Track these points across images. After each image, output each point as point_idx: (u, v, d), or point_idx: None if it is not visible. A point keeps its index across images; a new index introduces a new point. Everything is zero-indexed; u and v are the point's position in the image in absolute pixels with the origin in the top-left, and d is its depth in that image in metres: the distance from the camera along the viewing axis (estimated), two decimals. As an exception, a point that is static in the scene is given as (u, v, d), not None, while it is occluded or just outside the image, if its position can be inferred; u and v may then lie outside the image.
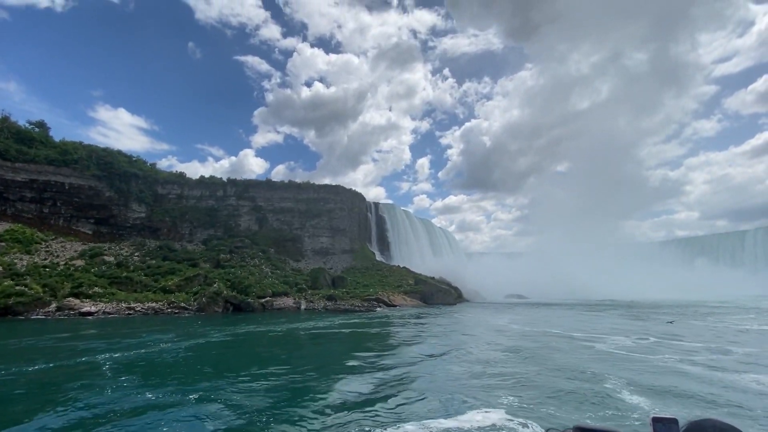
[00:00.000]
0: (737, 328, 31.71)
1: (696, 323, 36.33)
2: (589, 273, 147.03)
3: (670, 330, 30.59)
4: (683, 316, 44.82)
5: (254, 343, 25.75)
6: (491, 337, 27.91)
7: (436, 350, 21.84)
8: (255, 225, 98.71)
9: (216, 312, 55.68)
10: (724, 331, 29.78)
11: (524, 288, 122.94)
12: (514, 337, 27.09)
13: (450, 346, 23.65)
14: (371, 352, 21.31)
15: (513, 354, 20.38)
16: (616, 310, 57.87)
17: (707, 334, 28.43)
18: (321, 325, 36.37)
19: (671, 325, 33.96)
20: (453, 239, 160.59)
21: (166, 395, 12.61)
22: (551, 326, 33.91)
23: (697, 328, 31.79)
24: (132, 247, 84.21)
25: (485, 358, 19.13)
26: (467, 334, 29.22)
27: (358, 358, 19.80)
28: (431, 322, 40.37)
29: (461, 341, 25.55)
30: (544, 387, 13.38)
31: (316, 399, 12.48)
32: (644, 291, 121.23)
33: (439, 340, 26.14)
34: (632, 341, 24.82)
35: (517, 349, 22.15)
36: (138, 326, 35.72)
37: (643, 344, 23.80)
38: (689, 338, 26.15)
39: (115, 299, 55.40)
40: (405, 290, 78.81)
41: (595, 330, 31.30)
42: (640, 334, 28.31)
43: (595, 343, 24.27)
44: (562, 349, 21.92)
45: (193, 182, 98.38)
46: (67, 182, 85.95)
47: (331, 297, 67.17)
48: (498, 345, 23.71)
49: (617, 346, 22.47)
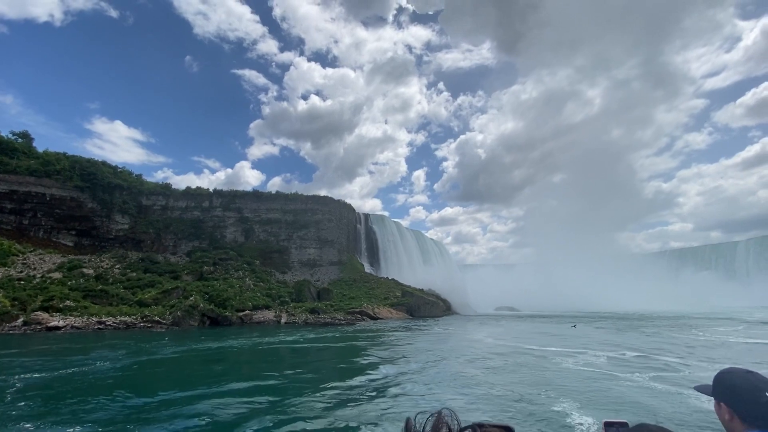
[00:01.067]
0: (720, 341, 30.53)
1: (681, 336, 35.10)
2: (582, 285, 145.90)
3: (649, 344, 29.37)
4: (672, 328, 43.61)
5: (199, 361, 24.24)
6: (460, 352, 26.59)
7: (391, 370, 20.49)
8: (241, 236, 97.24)
9: (191, 326, 53.92)
10: (705, 345, 28.59)
11: (517, 300, 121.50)
12: (482, 353, 25.78)
13: (410, 363, 22.33)
14: (314, 372, 19.97)
15: (471, 373, 19.09)
16: (604, 323, 56.56)
17: (687, 348, 27.23)
18: (290, 339, 34.89)
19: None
20: (445, 251, 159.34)
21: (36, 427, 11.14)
22: (528, 341, 32.60)
23: (679, 342, 30.56)
24: (113, 260, 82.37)
25: (438, 379, 17.84)
26: (436, 350, 27.86)
27: (295, 378, 18.47)
28: (407, 336, 38.93)
29: (425, 358, 24.21)
30: (483, 410, 12.14)
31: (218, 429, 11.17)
32: (637, 302, 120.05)
33: (402, 358, 24.77)
34: (606, 357, 23.58)
35: (479, 366, 20.86)
36: (98, 342, 34.15)
37: (617, 360, 22.56)
38: (667, 352, 24.94)
39: (87, 313, 53.54)
40: (391, 303, 77.25)
41: (573, 344, 30.02)
42: (618, 348, 27.07)
43: (567, 358, 23.01)
44: (526, 365, 20.65)
45: (178, 193, 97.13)
46: (49, 193, 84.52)
47: (314, 310, 65.51)
48: (461, 362, 22.40)
49: (587, 363, 21.21)
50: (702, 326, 45.10)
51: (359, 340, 34.90)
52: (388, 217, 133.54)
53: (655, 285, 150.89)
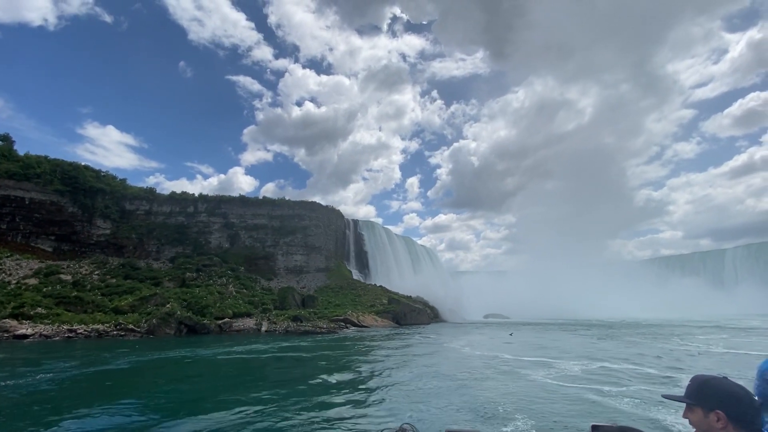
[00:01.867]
0: (699, 351, 29.84)
1: (661, 345, 34.38)
2: (573, 292, 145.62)
3: (626, 354, 28.59)
4: (654, 336, 42.94)
5: (150, 372, 22.99)
6: (433, 361, 25.59)
7: (354, 382, 19.47)
8: (226, 242, 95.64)
9: (167, 334, 52.21)
10: (681, 355, 27.88)
11: (507, 307, 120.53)
12: (455, 363, 24.82)
13: (378, 374, 21.30)
14: (270, 388, 18.88)
15: (436, 385, 18.12)
16: (591, 330, 55.81)
17: (666, 358, 26.48)
18: (260, 349, 33.62)
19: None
20: (436, 257, 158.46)
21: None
22: (507, 350, 31.68)
23: (657, 352, 29.81)
24: (92, 266, 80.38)
25: (400, 394, 16.85)
26: (411, 360, 26.83)
27: (247, 393, 17.37)
28: (384, 345, 37.82)
29: (393, 368, 23.19)
30: (429, 429, 11.19)
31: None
32: (626, 310, 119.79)
33: (372, 366, 23.72)
34: (581, 367, 22.72)
35: (448, 377, 19.89)
36: (60, 351, 32.64)
37: (591, 370, 21.71)
38: (644, 363, 24.15)
39: (59, 321, 51.70)
40: (377, 310, 76.01)
41: (551, 354, 29.17)
42: (596, 358, 26.25)
43: (541, 369, 22.12)
44: (495, 378, 19.72)
45: (162, 198, 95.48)
46: (28, 197, 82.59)
47: (297, 318, 64.06)
48: (429, 373, 21.40)
49: (558, 375, 20.33)
50: (685, 334, 44.52)
51: (332, 350, 33.76)
52: (379, 223, 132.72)
53: (644, 292, 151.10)
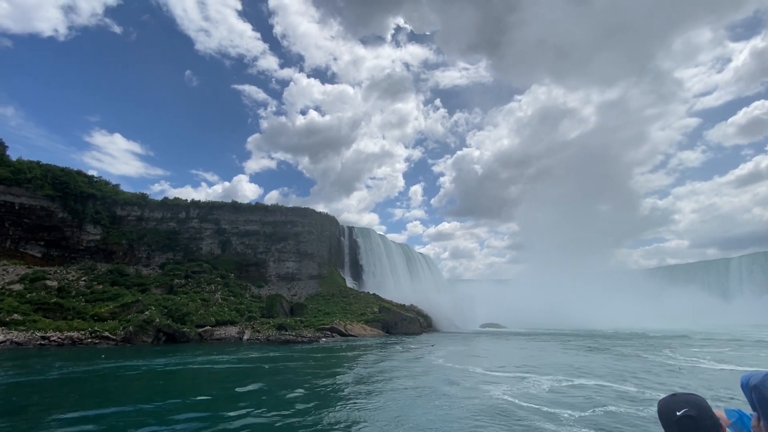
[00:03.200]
0: (688, 366, 27.98)
1: (650, 358, 32.45)
2: (575, 301, 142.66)
3: (608, 368, 26.82)
4: (646, 348, 40.90)
5: (60, 387, 21.52)
6: (395, 375, 23.99)
7: (300, 400, 17.96)
8: (218, 249, 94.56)
9: (145, 342, 50.87)
10: (665, 371, 26.06)
11: (506, 316, 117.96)
12: (417, 378, 23.20)
13: (321, 387, 19.77)
14: (200, 408, 17.41)
15: (370, 403, 16.58)
16: (584, 341, 53.69)
17: (647, 374, 24.70)
18: (225, 359, 32.10)
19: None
20: (434, 265, 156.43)
21: None
22: (481, 362, 29.96)
23: (645, 366, 27.97)
24: (80, 272, 79.51)
25: (351, 416, 15.33)
26: (372, 372, 25.25)
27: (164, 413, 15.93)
28: (360, 354, 36.18)
29: (342, 382, 21.63)
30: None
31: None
32: (626, 319, 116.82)
33: (320, 381, 22.17)
34: (552, 384, 21.03)
35: (396, 393, 18.33)
36: (17, 360, 31.34)
37: (559, 388, 20.04)
38: (623, 379, 22.42)
39: (35, 327, 50.55)
40: (367, 319, 74.26)
41: (527, 367, 27.46)
42: (573, 373, 24.53)
43: (506, 384, 20.47)
44: (448, 395, 18.12)
45: (154, 204, 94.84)
46: (18, 202, 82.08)
47: (282, 326, 62.52)
48: (377, 390, 19.83)
49: (520, 392, 18.68)
50: (679, 346, 42.41)
51: (300, 360, 32.18)
52: (375, 230, 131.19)
53: (647, 302, 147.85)
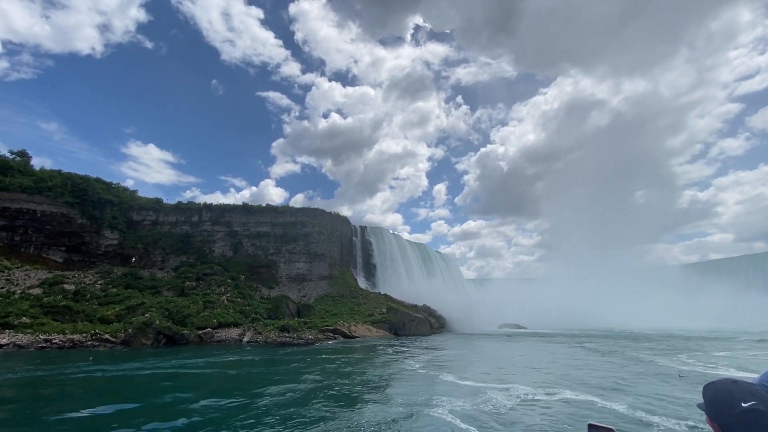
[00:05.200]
0: (702, 372, 24.34)
1: (662, 362, 28.71)
2: (605, 300, 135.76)
3: (612, 377, 23.65)
4: (663, 351, 36.76)
5: (19, 392, 20.75)
6: (353, 381, 21.90)
7: (239, 413, 16.25)
8: (230, 251, 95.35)
9: (144, 345, 51.09)
10: (662, 381, 22.63)
11: (529, 316, 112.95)
12: (373, 386, 21.02)
13: (260, 396, 17.98)
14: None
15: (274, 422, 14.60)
16: (601, 343, 49.41)
17: (649, 380, 21.45)
18: (202, 362, 31.02)
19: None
20: (453, 265, 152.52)
21: None
22: (464, 368, 27.36)
23: (651, 372, 24.55)
24: (97, 275, 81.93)
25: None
26: (332, 379, 23.26)
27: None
28: (341, 358, 34.24)
29: (290, 391, 19.76)
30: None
31: None
32: (655, 319, 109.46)
33: (266, 388, 20.38)
34: (524, 398, 18.33)
35: (320, 410, 16.27)
36: (8, 362, 31.48)
37: (529, 403, 17.36)
38: (616, 392, 19.41)
39: (41, 330, 51.78)
40: (374, 319, 72.34)
41: (517, 374, 24.73)
42: (562, 383, 21.66)
43: (466, 399, 17.97)
44: (395, 416, 15.85)
45: (169, 208, 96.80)
46: (39, 210, 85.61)
47: (284, 328, 61.58)
48: (314, 401, 17.82)
49: (477, 411, 16.14)
50: (702, 349, 37.92)
51: (278, 365, 30.63)
52: (386, 229, 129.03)
53: (685, 299, 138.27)
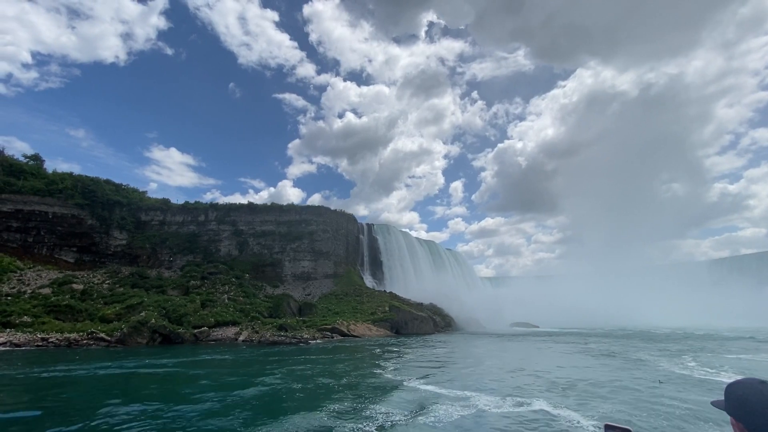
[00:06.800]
0: (663, 380, 21.64)
1: (662, 365, 26.05)
2: (627, 297, 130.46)
3: (602, 382, 21.38)
4: (673, 353, 33.81)
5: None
6: (310, 387, 20.39)
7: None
8: (235, 250, 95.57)
9: (139, 343, 51.06)
10: (644, 385, 20.17)
11: (544, 314, 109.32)
12: (321, 395, 19.45)
13: (175, 403, 16.67)
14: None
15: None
16: (611, 342, 46.37)
17: (634, 386, 19.14)
18: (174, 362, 30.15)
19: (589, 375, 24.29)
20: (464, 262, 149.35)
21: None
22: (441, 372, 25.49)
23: (640, 376, 22.10)
24: (105, 275, 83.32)
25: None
26: (289, 385, 21.82)
27: None
28: (320, 358, 32.83)
29: (234, 400, 18.40)
30: None
31: None
32: (677, 317, 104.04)
33: (209, 396, 19.08)
34: (479, 408, 16.42)
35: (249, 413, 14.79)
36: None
37: (481, 413, 15.46)
38: (599, 402, 17.27)
39: (41, 329, 52.48)
40: (376, 318, 70.80)
41: (492, 379, 22.74)
42: (537, 391, 19.61)
43: (414, 412, 16.19)
44: (309, 429, 14.26)
45: (176, 208, 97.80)
46: (51, 211, 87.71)
47: (282, 327, 60.80)
48: (256, 411, 16.37)
49: (413, 423, 14.37)
50: (717, 350, 34.71)
51: (247, 366, 29.48)
52: (393, 226, 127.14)
53: (708, 296, 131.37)
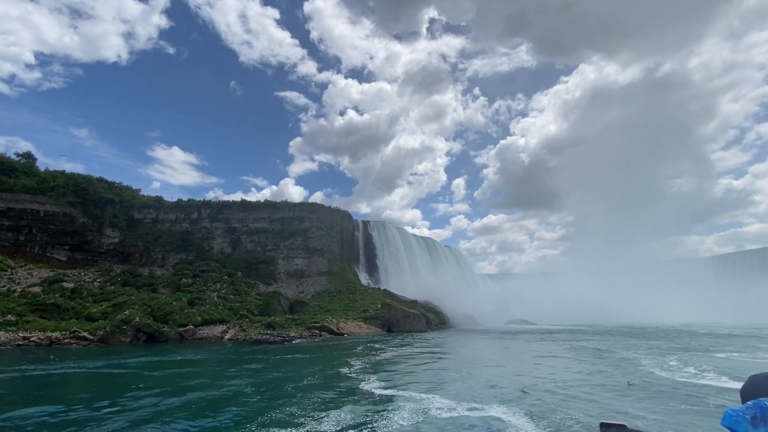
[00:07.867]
0: (634, 382, 20.33)
1: (647, 363, 24.73)
2: (626, 294, 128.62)
3: (577, 383, 20.14)
4: (662, 351, 32.40)
5: None
6: (263, 390, 19.32)
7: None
8: (228, 248, 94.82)
9: (123, 342, 50.33)
10: (614, 387, 18.87)
11: (544, 311, 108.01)
12: (268, 399, 18.35)
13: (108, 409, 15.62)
14: None
15: None
16: (603, 340, 44.97)
17: (609, 387, 17.87)
18: (142, 362, 29.21)
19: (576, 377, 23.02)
20: (463, 259, 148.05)
21: None
22: (406, 373, 24.37)
23: (619, 376, 20.81)
24: (96, 273, 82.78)
25: None
26: (245, 387, 20.76)
27: None
28: (295, 359, 31.78)
29: (170, 405, 17.35)
30: None
31: None
32: (678, 314, 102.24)
33: (142, 401, 18.03)
34: (429, 414, 15.25)
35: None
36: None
37: (429, 418, 14.31)
38: (571, 401, 16.06)
39: (24, 328, 51.88)
40: (367, 316, 69.80)
41: (461, 380, 21.57)
42: (502, 394, 18.43)
43: (358, 416, 15.06)
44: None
45: (168, 206, 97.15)
46: (43, 209, 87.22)
47: (270, 325, 59.93)
48: (186, 416, 15.29)
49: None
50: (709, 348, 33.19)
51: (217, 366, 28.48)
52: (390, 223, 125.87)
53: (711, 292, 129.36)
